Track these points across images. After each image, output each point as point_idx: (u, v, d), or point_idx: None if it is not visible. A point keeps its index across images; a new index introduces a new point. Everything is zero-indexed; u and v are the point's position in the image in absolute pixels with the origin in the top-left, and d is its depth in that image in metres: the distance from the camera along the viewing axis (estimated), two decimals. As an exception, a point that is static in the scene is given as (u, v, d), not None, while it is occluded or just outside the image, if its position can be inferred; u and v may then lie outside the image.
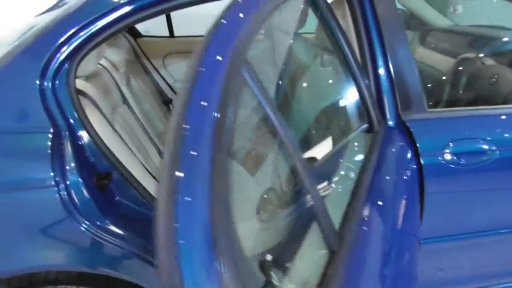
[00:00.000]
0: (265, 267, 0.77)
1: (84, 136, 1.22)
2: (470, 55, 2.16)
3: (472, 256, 1.59)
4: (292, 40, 1.58)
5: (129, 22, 1.25)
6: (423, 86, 1.41)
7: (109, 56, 1.94)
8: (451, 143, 1.35)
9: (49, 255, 1.17)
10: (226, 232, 0.57)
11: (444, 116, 1.42)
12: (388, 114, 1.40)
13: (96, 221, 1.18)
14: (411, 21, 2.58)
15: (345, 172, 1.19)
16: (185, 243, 0.52)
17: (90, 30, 1.20)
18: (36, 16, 1.56)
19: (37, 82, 1.16)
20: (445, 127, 1.40)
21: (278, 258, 0.83)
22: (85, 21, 1.19)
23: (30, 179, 1.11)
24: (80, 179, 1.16)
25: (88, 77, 1.48)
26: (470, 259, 1.59)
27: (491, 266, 1.62)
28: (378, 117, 1.36)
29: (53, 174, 1.11)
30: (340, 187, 1.12)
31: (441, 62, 2.23)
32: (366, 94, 1.31)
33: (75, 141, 1.20)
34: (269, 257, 0.80)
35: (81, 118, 1.22)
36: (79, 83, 1.35)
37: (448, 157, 1.36)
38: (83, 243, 1.17)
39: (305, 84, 1.71)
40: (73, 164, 1.16)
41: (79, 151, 1.20)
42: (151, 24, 2.58)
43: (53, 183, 1.11)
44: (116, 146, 1.33)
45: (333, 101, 1.60)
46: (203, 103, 0.63)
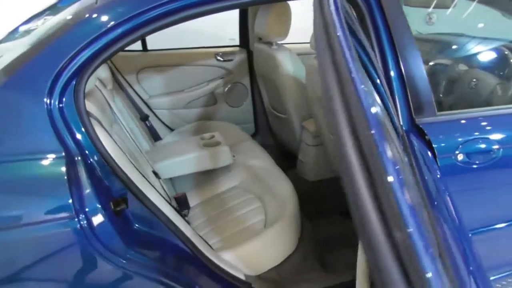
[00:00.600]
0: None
1: (98, 159, 1.11)
2: (443, 61, 2.26)
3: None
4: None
5: (141, 34, 1.16)
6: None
7: (97, 72, 1.81)
8: (462, 144, 1.39)
9: None
10: None
11: (454, 119, 1.46)
12: (401, 119, 1.41)
13: (120, 252, 1.07)
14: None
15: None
16: None
17: (102, 43, 1.11)
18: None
19: (45, 101, 1.04)
20: (456, 129, 1.43)
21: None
22: (97, 33, 1.09)
23: (48, 211, 0.98)
24: (99, 206, 1.05)
25: (87, 95, 1.36)
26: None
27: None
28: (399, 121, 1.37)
29: (73, 204, 0.99)
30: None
31: None
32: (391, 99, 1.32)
33: (90, 165, 1.09)
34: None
35: (93, 140, 1.11)
36: None
37: (461, 157, 1.39)
38: (110, 278, 1.05)
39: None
40: (90, 191, 1.04)
41: (94, 176, 1.09)
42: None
43: (73, 214, 0.99)
44: (129, 168, 1.22)
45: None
46: None
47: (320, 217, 2.08)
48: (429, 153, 1.34)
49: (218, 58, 2.75)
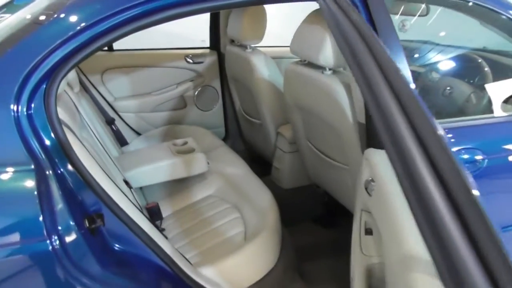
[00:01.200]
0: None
1: (71, 171, 1.00)
2: (416, 69, 2.29)
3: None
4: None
5: (120, 34, 1.07)
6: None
7: None
8: None
9: None
10: None
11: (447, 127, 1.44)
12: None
13: (97, 275, 0.96)
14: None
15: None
16: None
17: (76, 42, 1.00)
18: None
19: (12, 107, 0.92)
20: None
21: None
22: (72, 32, 0.98)
23: (16, 231, 0.87)
24: (73, 223, 0.94)
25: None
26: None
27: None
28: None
29: (44, 222, 0.88)
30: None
31: None
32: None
33: (62, 178, 0.98)
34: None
35: (66, 149, 1.00)
36: None
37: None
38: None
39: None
40: (63, 206, 0.94)
41: (67, 190, 0.98)
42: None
43: (45, 234, 0.88)
44: (103, 180, 1.11)
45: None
46: None
47: (293, 225, 2.05)
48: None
49: (188, 60, 2.65)
